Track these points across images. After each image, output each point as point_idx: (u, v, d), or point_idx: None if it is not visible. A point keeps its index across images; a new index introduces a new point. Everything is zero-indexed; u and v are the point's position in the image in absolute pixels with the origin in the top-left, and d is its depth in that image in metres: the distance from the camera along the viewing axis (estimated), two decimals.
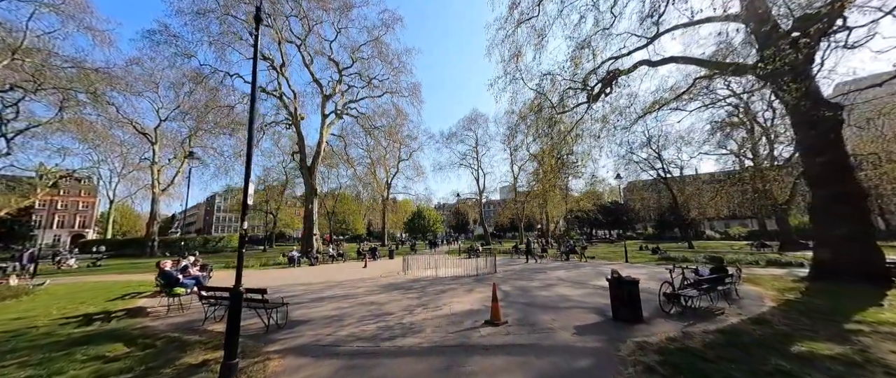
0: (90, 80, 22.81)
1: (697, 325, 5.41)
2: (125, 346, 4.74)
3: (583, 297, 8.04)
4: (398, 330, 5.48)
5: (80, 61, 22.53)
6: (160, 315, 6.83)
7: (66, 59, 22.17)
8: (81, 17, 23.37)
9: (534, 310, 6.75)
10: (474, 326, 5.58)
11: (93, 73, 22.98)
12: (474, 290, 9.51)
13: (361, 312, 6.84)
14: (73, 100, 23.79)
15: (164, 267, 7.48)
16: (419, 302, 7.82)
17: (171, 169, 38.05)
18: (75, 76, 22.56)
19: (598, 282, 10.63)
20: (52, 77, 21.72)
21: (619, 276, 5.79)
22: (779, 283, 9.86)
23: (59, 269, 19.59)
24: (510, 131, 38.97)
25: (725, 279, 6.71)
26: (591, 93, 12.23)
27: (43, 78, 21.13)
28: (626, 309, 5.58)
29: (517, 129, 24.38)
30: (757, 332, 4.94)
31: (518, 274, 12.95)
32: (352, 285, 10.85)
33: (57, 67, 21.89)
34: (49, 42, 22.75)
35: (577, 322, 5.73)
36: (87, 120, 26.58)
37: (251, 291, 5.48)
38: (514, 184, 43.20)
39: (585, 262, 17.98)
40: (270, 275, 14.58)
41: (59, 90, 22.40)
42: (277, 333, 5.34)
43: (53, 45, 22.75)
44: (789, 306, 6.73)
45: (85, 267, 20.90)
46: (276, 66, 25.09)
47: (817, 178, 10.06)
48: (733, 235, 48.02)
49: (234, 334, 3.63)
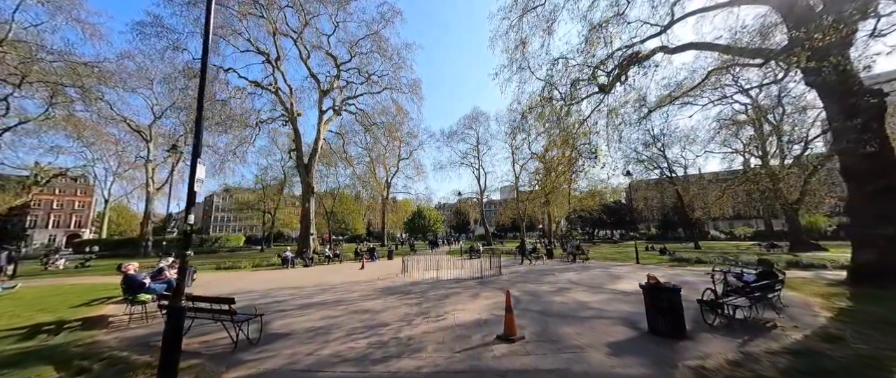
0: (78, 73, 21.95)
1: (755, 342, 4.49)
2: (55, 371, 3.84)
3: (603, 304, 7.12)
4: (393, 347, 4.57)
5: (67, 53, 21.63)
6: (120, 326, 5.93)
7: (51, 52, 21.29)
8: (70, 8, 22.51)
9: (552, 320, 5.83)
10: (485, 343, 4.66)
11: (80, 67, 22.11)
12: (480, 294, 8.60)
13: (352, 323, 5.93)
14: (63, 95, 22.97)
15: (127, 270, 6.58)
16: (419, 310, 6.91)
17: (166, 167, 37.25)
18: (63, 70, 21.73)
19: (615, 285, 9.72)
20: (39, 71, 20.91)
21: (656, 282, 4.87)
22: (815, 287, 8.93)
23: (46, 270, 18.74)
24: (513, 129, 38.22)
25: (776, 286, 5.78)
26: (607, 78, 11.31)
27: (28, 71, 20.32)
28: (666, 321, 4.66)
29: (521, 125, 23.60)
30: (835, 354, 4.02)
31: (525, 276, 12.03)
32: (346, 289, 9.94)
33: (43, 60, 21.07)
34: (37, 35, 21.93)
35: (607, 336, 4.80)
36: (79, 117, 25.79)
37: (217, 301, 4.58)
38: (516, 183, 42.31)
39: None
40: (261, 277, 13.68)
41: (46, 84, 21.58)
42: (247, 352, 4.42)
43: (41, 38, 21.92)
44: (848, 316, 5.80)
45: (73, 268, 20.03)
46: (271, 60, 24.22)
47: (859, 172, 9.12)
48: (739, 235, 47.09)
49: (170, 359, 2.73)
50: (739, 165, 28.31)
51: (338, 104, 27.89)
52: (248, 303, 8.01)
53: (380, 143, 35.16)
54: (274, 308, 7.32)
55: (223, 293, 9.79)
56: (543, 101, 12.75)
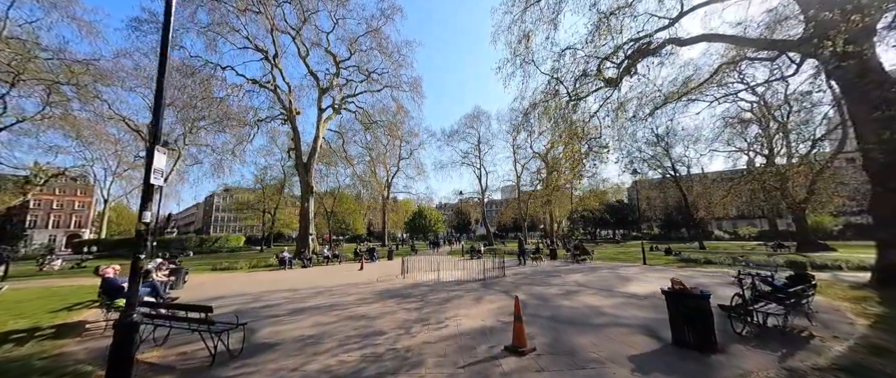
0: (72, 71, 21.61)
1: (795, 355, 4.01)
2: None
3: (616, 310, 6.64)
4: (389, 360, 4.10)
5: (61, 50, 21.30)
6: (96, 334, 5.48)
7: (46, 49, 20.97)
8: (65, 6, 22.18)
9: (563, 328, 5.35)
10: (492, 355, 4.19)
11: (75, 65, 21.76)
12: (483, 298, 8.13)
13: (346, 330, 5.47)
14: (59, 94, 22.63)
15: (105, 273, 6.12)
16: (419, 315, 6.44)
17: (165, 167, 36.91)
18: (58, 68, 21.40)
19: (625, 288, 9.23)
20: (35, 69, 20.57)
21: (682, 288, 4.39)
22: (838, 290, 8.42)
23: (40, 271, 18.40)
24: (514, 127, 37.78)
25: (810, 291, 5.28)
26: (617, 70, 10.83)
27: (23, 69, 19.97)
28: (694, 332, 4.17)
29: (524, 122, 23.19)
30: (890, 370, 3.53)
31: (529, 278, 11.55)
32: (342, 291, 9.49)
33: (37, 58, 20.73)
34: (33, 32, 21.61)
35: (628, 348, 4.32)
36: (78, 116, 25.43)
37: (193, 308, 4.13)
38: (517, 182, 41.84)
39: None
40: (257, 278, 13.25)
41: (41, 82, 21.24)
42: (226, 366, 3.96)
43: (36, 35, 21.60)
44: (887, 324, 5.30)
45: (68, 268, 19.67)
46: (269, 57, 23.81)
47: (887, 169, 8.60)
48: (743, 235, 46.44)
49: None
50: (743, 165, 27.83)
51: (337, 102, 27.46)
52: (238, 307, 7.58)
53: (380, 142, 34.74)
54: (264, 313, 6.86)
55: (215, 295, 9.39)
56: (548, 97, 12.28)
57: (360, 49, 26.67)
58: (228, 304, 8.01)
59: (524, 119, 17.50)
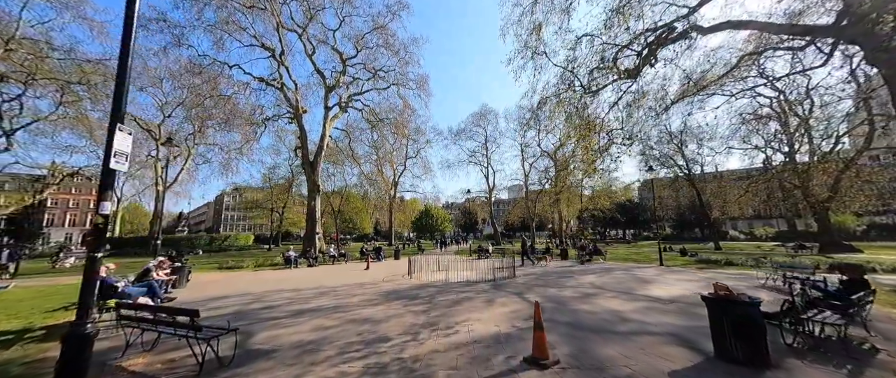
0: (84, 71, 21.82)
1: (864, 373, 3.45)
2: None
3: (641, 315, 6.09)
4: (395, 372, 3.66)
5: (72, 51, 21.53)
6: None
7: (57, 49, 21.22)
8: (77, 6, 22.43)
9: (587, 337, 4.84)
10: (510, 368, 3.71)
11: (86, 65, 21.97)
12: (495, 300, 7.65)
13: (348, 336, 5.06)
14: (72, 94, 22.91)
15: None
16: (427, 319, 6.00)
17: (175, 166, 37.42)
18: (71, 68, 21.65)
19: (646, 291, 8.65)
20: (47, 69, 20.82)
21: (728, 294, 3.85)
22: (883, 295, 7.68)
23: (53, 269, 18.57)
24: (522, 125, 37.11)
25: (870, 297, 4.66)
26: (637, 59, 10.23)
27: (36, 69, 20.23)
28: (743, 345, 3.63)
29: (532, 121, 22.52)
30: None
31: (542, 279, 11.02)
32: (347, 292, 9.11)
33: (50, 58, 20.98)
34: (45, 32, 21.93)
35: (665, 362, 3.81)
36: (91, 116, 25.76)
37: (178, 312, 3.76)
38: (525, 181, 41.14)
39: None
40: (262, 277, 13.00)
41: (53, 82, 21.50)
42: (214, 377, 3.58)
43: (49, 36, 21.91)
44: None
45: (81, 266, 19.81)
46: (275, 55, 23.67)
47: None
48: (759, 236, 44.84)
49: None
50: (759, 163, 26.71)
51: (344, 100, 27.23)
52: (238, 308, 7.26)
53: (387, 140, 34.47)
54: (264, 315, 6.51)
55: (217, 295, 9.09)
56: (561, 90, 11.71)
57: (367, 46, 26.39)
58: (229, 304, 7.71)
59: (534, 115, 16.93)
